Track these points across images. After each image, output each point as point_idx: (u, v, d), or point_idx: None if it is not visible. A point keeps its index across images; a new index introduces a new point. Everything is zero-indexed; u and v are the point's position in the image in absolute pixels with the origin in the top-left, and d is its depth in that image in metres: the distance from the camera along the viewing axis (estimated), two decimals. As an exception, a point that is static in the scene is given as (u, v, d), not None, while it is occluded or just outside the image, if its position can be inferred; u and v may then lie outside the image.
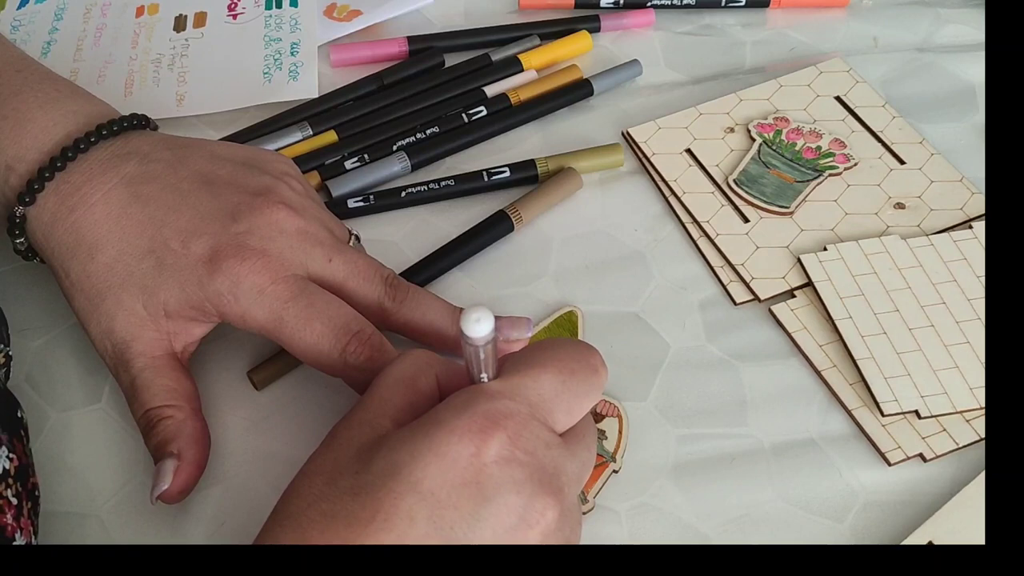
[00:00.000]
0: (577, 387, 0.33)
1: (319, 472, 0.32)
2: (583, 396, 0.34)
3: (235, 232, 0.39)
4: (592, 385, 0.34)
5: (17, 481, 0.35)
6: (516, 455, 0.31)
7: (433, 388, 0.35)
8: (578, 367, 0.34)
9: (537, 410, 0.32)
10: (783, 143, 0.51)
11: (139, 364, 0.39)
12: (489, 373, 0.33)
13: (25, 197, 0.39)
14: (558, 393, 0.33)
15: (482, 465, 0.30)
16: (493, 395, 0.32)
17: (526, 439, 0.31)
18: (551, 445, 0.32)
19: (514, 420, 0.31)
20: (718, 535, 0.38)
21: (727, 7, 0.59)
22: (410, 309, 0.41)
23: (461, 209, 0.49)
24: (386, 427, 0.33)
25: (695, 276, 0.47)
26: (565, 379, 0.33)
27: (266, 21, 0.59)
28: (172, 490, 0.37)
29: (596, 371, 0.34)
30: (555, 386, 0.33)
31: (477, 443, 0.30)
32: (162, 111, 0.52)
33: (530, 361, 0.33)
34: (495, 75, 0.55)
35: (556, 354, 0.34)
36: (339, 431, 0.33)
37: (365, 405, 0.34)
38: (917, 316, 0.44)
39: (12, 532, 0.33)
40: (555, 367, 0.33)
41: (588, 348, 0.35)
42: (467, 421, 0.31)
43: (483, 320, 0.30)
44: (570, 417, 0.33)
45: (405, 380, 0.34)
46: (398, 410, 0.33)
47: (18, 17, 0.59)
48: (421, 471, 0.30)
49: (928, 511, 0.39)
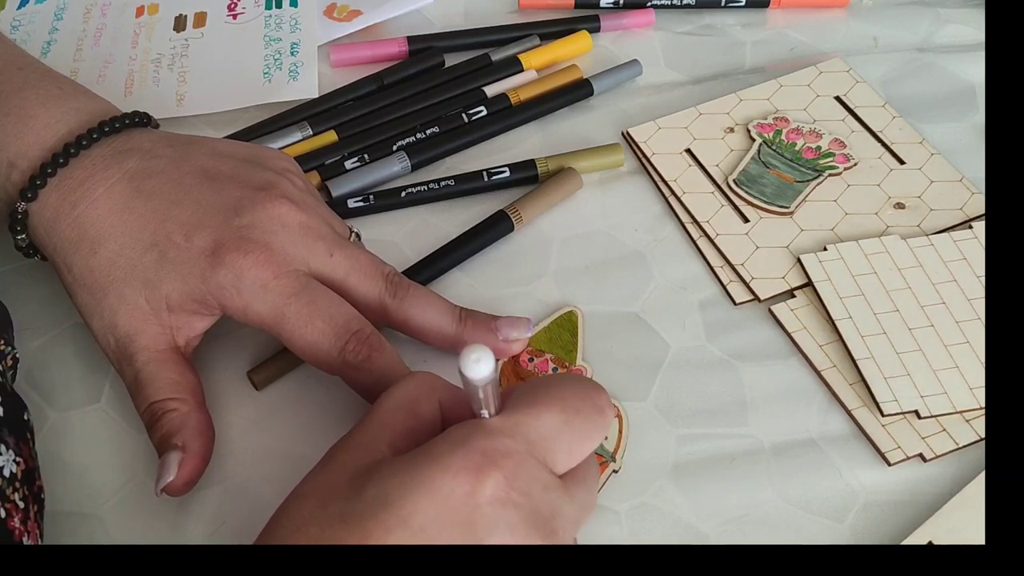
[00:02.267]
0: (580, 427, 0.32)
1: (311, 495, 0.31)
2: (586, 437, 0.33)
3: (237, 225, 0.39)
4: (596, 425, 0.33)
5: (24, 485, 0.35)
6: (511, 496, 0.30)
7: (435, 414, 0.34)
8: (583, 406, 0.32)
9: (536, 449, 0.31)
10: (783, 143, 0.51)
11: (143, 358, 0.39)
12: (491, 409, 0.31)
13: (27, 193, 0.40)
14: (560, 433, 0.32)
15: (476, 505, 0.29)
16: (492, 432, 0.31)
17: (523, 480, 0.30)
18: (549, 487, 0.31)
19: (511, 459, 0.30)
20: (718, 535, 0.38)
21: (727, 7, 0.59)
22: (410, 306, 0.41)
23: (461, 209, 0.49)
24: (383, 452, 0.32)
25: (695, 276, 0.47)
26: (568, 418, 0.32)
27: (266, 21, 0.58)
28: (177, 482, 0.37)
29: (602, 411, 0.33)
30: (557, 425, 0.32)
31: (472, 482, 0.29)
32: (162, 111, 0.52)
33: (533, 398, 0.32)
34: (495, 75, 0.55)
35: (561, 392, 0.33)
36: (335, 452, 0.33)
37: (363, 428, 0.33)
38: (917, 316, 0.44)
39: (20, 536, 0.33)
40: (559, 405, 0.32)
41: (595, 387, 0.34)
42: (463, 458, 0.30)
43: (483, 360, 0.29)
44: (571, 458, 0.32)
45: (406, 405, 0.34)
46: (397, 435, 0.33)
47: (18, 17, 0.59)
48: (412, 505, 0.29)
49: (928, 511, 0.39)
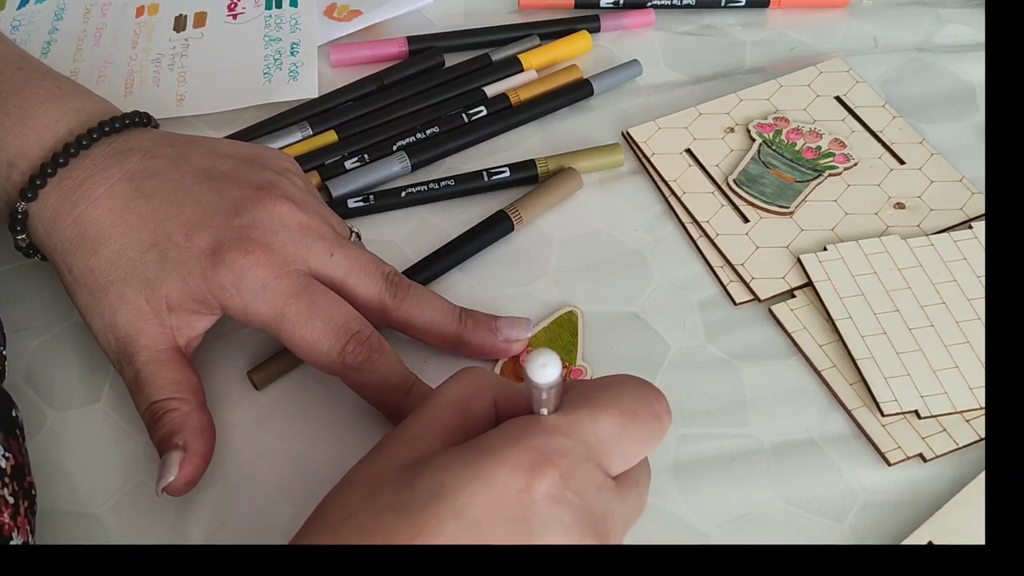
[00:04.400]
0: (637, 432, 0.32)
1: (361, 483, 0.31)
2: (642, 441, 0.33)
3: (238, 225, 0.39)
4: (653, 431, 0.33)
5: (14, 480, 0.35)
6: (566, 495, 0.30)
7: (489, 411, 0.34)
8: (641, 411, 0.32)
9: (593, 451, 0.31)
10: (783, 143, 0.51)
11: (143, 358, 0.39)
12: (550, 408, 0.31)
13: (27, 193, 0.40)
14: (617, 436, 0.32)
15: (531, 501, 0.29)
16: (550, 430, 0.31)
17: (578, 480, 0.30)
18: (603, 489, 0.31)
19: (568, 459, 0.30)
20: (718, 535, 0.38)
21: (727, 7, 0.59)
22: (411, 306, 0.41)
23: (461, 209, 0.49)
24: (434, 446, 0.32)
25: (695, 276, 0.47)
26: (626, 423, 0.32)
27: (266, 21, 0.58)
28: (178, 482, 0.37)
29: (659, 418, 0.33)
30: (614, 429, 0.32)
31: (528, 478, 0.29)
32: (162, 111, 0.52)
33: (592, 399, 0.32)
34: (495, 75, 0.55)
35: (620, 395, 0.33)
36: (386, 443, 0.32)
37: (416, 422, 0.33)
38: (917, 316, 0.44)
39: (9, 531, 0.33)
40: (617, 409, 0.32)
41: (654, 392, 0.34)
42: (519, 454, 0.30)
43: (550, 366, 0.29)
44: (626, 462, 0.32)
45: (460, 402, 0.33)
46: (449, 430, 0.32)
47: (18, 17, 0.59)
48: (468, 498, 0.29)
49: (928, 511, 0.39)
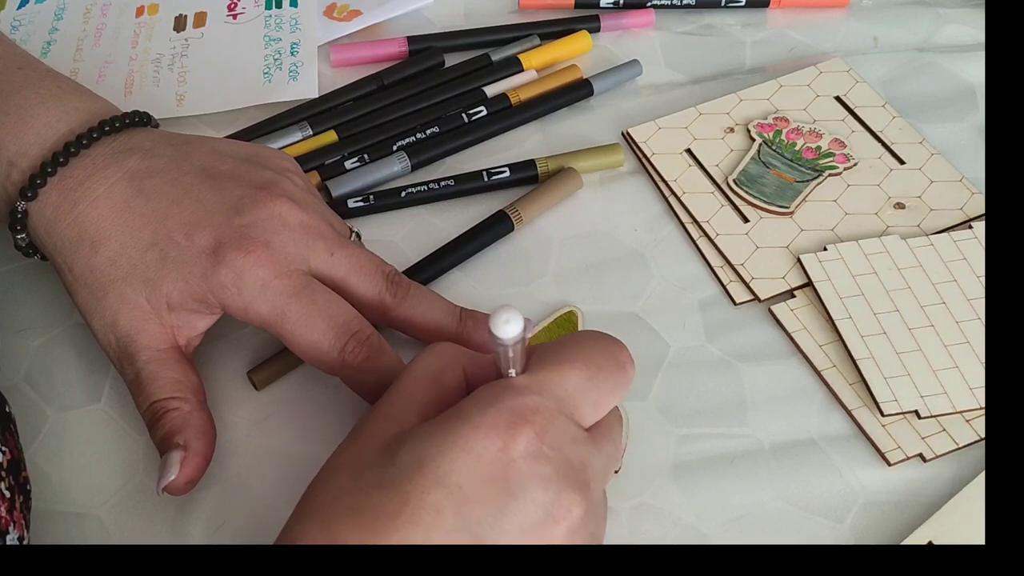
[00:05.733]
0: (604, 383, 0.33)
1: (344, 466, 0.32)
2: (609, 392, 0.34)
3: (238, 224, 0.39)
4: (619, 381, 0.34)
5: (10, 474, 0.35)
6: (543, 451, 0.31)
7: (460, 382, 0.35)
8: (605, 362, 0.34)
9: (564, 405, 0.32)
10: (783, 143, 0.51)
11: (144, 357, 0.39)
12: (517, 369, 0.33)
13: (27, 192, 0.40)
14: (585, 389, 0.33)
15: (509, 460, 0.30)
16: (520, 390, 0.32)
17: (553, 434, 0.31)
18: (578, 440, 0.32)
19: (541, 415, 0.31)
20: (718, 535, 0.38)
21: (727, 7, 0.59)
22: (411, 306, 0.41)
23: (461, 209, 0.49)
24: (411, 421, 0.33)
25: (695, 276, 0.47)
26: (592, 375, 0.33)
27: (266, 21, 0.58)
28: (179, 481, 0.37)
29: (623, 367, 0.34)
30: (582, 382, 0.33)
31: (504, 439, 0.30)
32: (162, 111, 0.52)
33: (557, 356, 0.33)
34: (495, 75, 0.55)
35: (584, 350, 0.34)
36: (364, 425, 0.33)
37: (390, 400, 0.34)
38: (917, 316, 0.44)
39: (5, 525, 0.34)
40: (582, 362, 0.33)
41: (616, 343, 0.35)
42: (494, 417, 0.31)
43: (512, 321, 0.30)
44: (597, 412, 0.34)
45: (431, 375, 0.35)
46: (423, 404, 0.34)
47: (18, 17, 0.59)
48: (448, 465, 0.30)
49: (928, 511, 0.39)
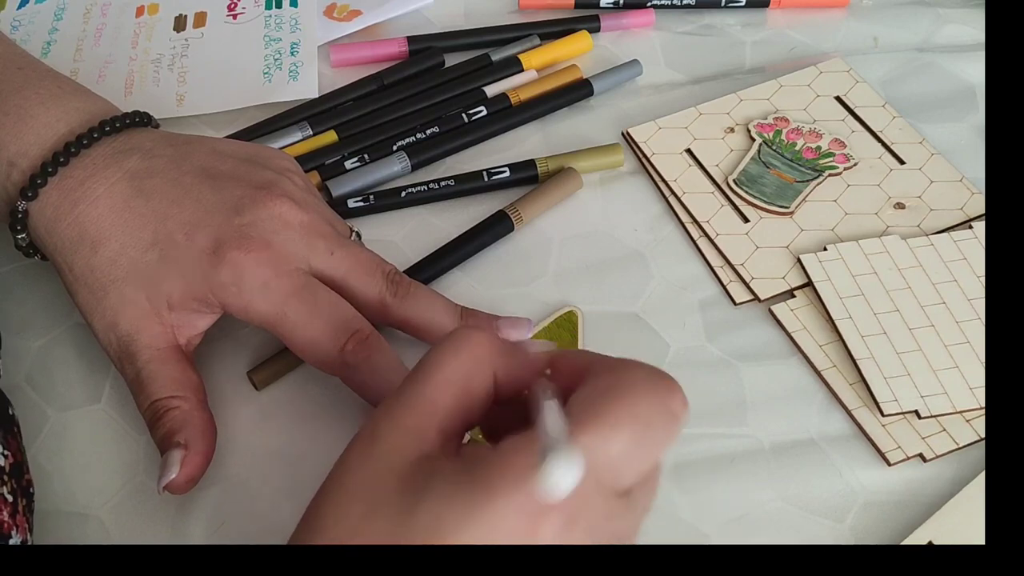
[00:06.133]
0: (652, 440, 0.29)
1: (357, 495, 0.29)
2: (658, 447, 0.30)
3: (239, 224, 0.39)
4: (670, 435, 0.30)
5: (12, 478, 0.35)
6: (573, 535, 0.28)
7: (489, 390, 0.31)
8: (655, 417, 0.29)
9: (604, 475, 0.28)
10: (783, 143, 0.51)
11: (144, 356, 0.39)
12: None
13: (28, 192, 0.40)
14: (630, 455, 0.29)
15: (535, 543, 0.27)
16: None
17: (586, 518, 0.28)
18: (612, 515, 0.29)
19: (575, 499, 0.27)
20: (718, 535, 0.38)
21: (727, 7, 0.59)
22: (411, 305, 0.41)
23: (461, 209, 0.49)
24: (432, 440, 0.30)
25: (695, 276, 0.47)
26: (640, 436, 0.29)
27: (266, 21, 0.58)
28: (179, 480, 0.37)
29: (676, 418, 0.30)
30: (628, 446, 0.28)
31: (531, 525, 0.27)
32: (162, 111, 0.52)
33: (601, 417, 0.28)
34: (495, 75, 0.55)
35: (631, 404, 0.29)
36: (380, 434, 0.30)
37: (411, 406, 0.30)
38: (917, 316, 0.44)
39: (8, 529, 0.34)
40: (630, 422, 0.29)
41: (668, 387, 0.30)
42: (523, 499, 0.27)
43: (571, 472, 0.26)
44: (640, 472, 0.30)
45: (459, 381, 0.31)
46: (447, 416, 0.30)
47: (18, 17, 0.59)
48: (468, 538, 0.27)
49: (928, 511, 0.39)
